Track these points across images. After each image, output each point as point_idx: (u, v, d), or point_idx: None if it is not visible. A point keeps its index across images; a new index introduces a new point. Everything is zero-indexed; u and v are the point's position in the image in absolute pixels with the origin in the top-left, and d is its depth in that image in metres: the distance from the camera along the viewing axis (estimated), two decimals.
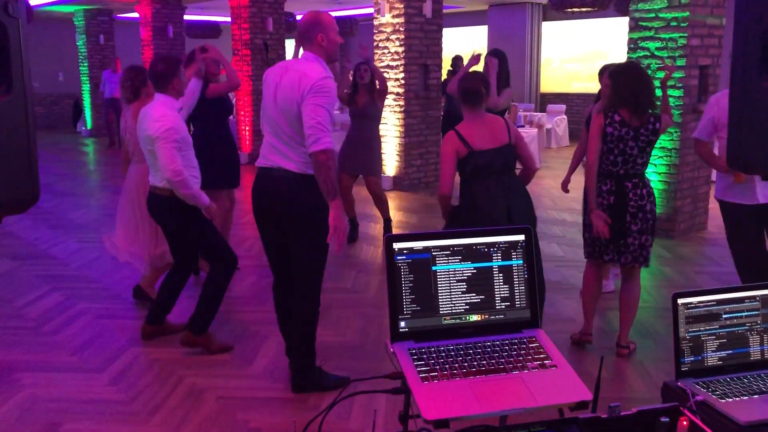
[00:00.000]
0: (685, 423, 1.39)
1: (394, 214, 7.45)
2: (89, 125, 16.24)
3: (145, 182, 4.21)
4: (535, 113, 14.06)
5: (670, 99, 6.35)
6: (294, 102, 3.09)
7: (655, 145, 6.42)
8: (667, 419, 1.39)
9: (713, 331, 1.87)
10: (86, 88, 16.00)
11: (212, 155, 5.03)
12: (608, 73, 3.98)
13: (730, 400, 1.74)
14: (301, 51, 3.29)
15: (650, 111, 3.75)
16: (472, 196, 3.69)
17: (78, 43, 16.04)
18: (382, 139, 6.95)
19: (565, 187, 4.85)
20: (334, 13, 17.94)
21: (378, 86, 6.26)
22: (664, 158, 6.49)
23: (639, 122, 3.71)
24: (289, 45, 14.98)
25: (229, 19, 12.11)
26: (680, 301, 1.85)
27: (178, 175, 3.66)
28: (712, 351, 1.87)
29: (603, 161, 3.77)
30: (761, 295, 1.90)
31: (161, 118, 3.70)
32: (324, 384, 3.50)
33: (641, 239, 3.78)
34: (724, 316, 1.87)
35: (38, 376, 3.69)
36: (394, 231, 6.73)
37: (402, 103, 9.03)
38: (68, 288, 5.16)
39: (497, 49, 5.91)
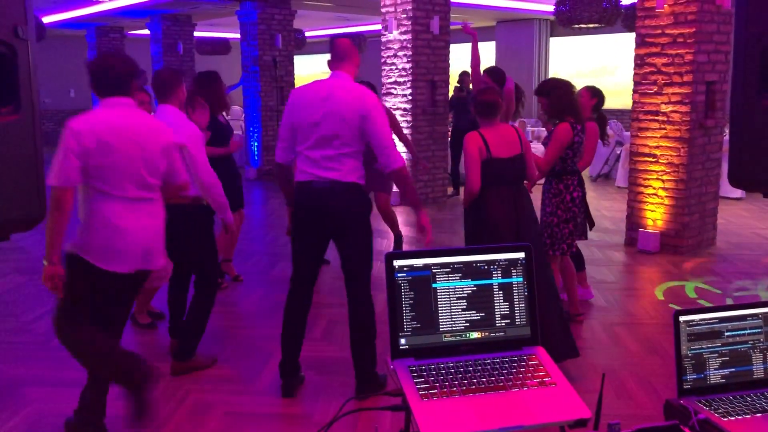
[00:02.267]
0: None
1: (403, 229, 7.46)
2: None
3: None
4: (542, 128, 14.07)
5: (676, 115, 6.37)
6: (354, 120, 3.30)
7: (662, 162, 6.47)
8: None
9: (715, 349, 1.86)
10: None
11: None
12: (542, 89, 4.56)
13: (733, 418, 1.73)
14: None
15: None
16: (484, 203, 3.84)
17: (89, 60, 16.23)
18: None
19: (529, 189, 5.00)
20: (342, 30, 18.10)
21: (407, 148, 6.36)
22: (672, 174, 6.48)
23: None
24: (298, 61, 15.09)
25: (238, 35, 12.24)
26: (682, 318, 1.84)
27: (215, 178, 3.66)
28: (715, 369, 1.86)
29: (567, 163, 4.38)
30: (763, 313, 1.90)
31: (185, 125, 3.68)
32: (382, 382, 3.59)
33: None
34: (726, 333, 1.87)
35: (45, 390, 3.71)
36: (407, 247, 6.74)
37: (409, 119, 9.07)
38: None
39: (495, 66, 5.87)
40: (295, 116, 3.41)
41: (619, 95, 13.84)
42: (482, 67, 4.91)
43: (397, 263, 1.55)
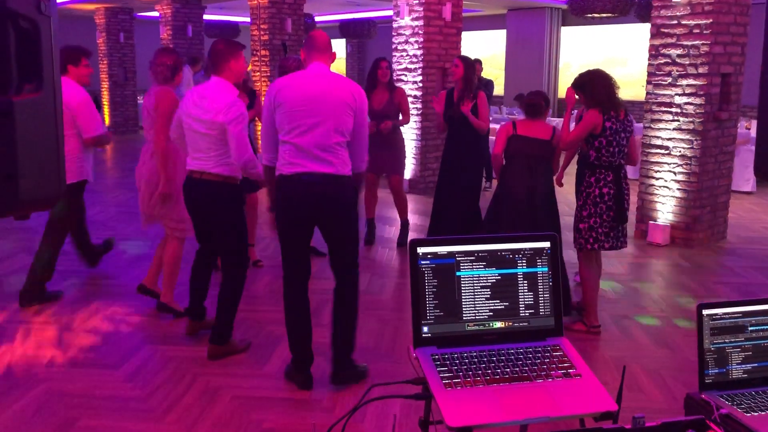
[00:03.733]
0: None
1: (410, 218, 7.44)
2: (108, 122, 16.37)
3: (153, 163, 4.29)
4: (553, 118, 13.99)
5: (690, 107, 6.31)
6: (348, 115, 3.31)
7: (675, 154, 6.42)
8: None
9: (738, 344, 1.84)
10: (105, 85, 16.13)
11: None
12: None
13: (756, 414, 1.71)
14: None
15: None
16: (504, 173, 4.54)
17: (98, 41, 16.17)
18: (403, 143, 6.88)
19: (559, 182, 5.01)
20: (352, 15, 17.98)
21: (401, 119, 6.22)
22: (683, 167, 6.43)
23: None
24: None
25: (248, 19, 12.17)
26: (705, 312, 1.82)
27: (252, 155, 3.65)
28: (737, 363, 1.84)
29: (601, 154, 4.18)
30: None
31: (235, 102, 3.62)
32: (359, 373, 3.57)
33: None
34: (750, 328, 1.85)
35: (56, 370, 3.72)
36: (412, 235, 6.72)
37: (419, 106, 9.02)
38: (85, 284, 5.20)
39: (465, 56, 5.96)
40: (283, 101, 3.28)
41: (630, 86, 13.74)
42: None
43: (420, 250, 1.53)
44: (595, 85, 4.18)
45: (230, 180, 3.75)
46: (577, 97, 4.32)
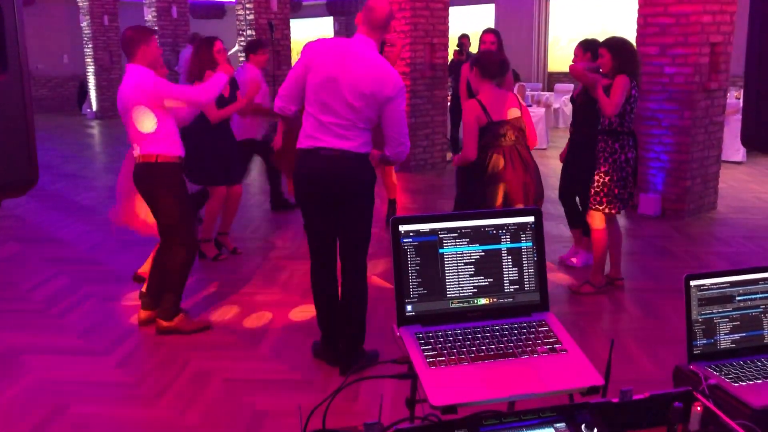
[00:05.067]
0: (699, 408, 1.35)
1: (400, 196, 7.41)
2: (95, 107, 16.21)
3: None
4: (542, 93, 13.93)
5: (679, 77, 6.27)
6: (372, 109, 3.19)
7: (665, 125, 6.39)
8: (681, 404, 1.35)
9: (726, 314, 1.83)
10: (91, 69, 15.94)
11: (210, 150, 5.04)
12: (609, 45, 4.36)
13: (744, 383, 1.70)
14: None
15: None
16: (487, 164, 3.94)
17: (82, 25, 15.95)
18: None
19: (562, 159, 5.12)
20: None
21: None
22: (673, 137, 6.41)
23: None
24: (295, 25, 14.82)
25: None
26: (693, 282, 1.80)
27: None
28: (725, 334, 1.83)
29: (625, 120, 4.26)
30: None
31: (143, 83, 3.74)
32: (367, 362, 3.49)
33: None
34: (737, 298, 1.83)
35: (45, 358, 3.69)
36: (401, 213, 6.69)
37: (408, 83, 8.94)
38: (74, 271, 5.16)
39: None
40: (315, 69, 3.17)
41: None
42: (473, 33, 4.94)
43: (403, 228, 1.50)
44: (628, 51, 4.27)
45: (159, 159, 3.77)
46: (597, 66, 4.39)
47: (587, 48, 4.89)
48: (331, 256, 3.48)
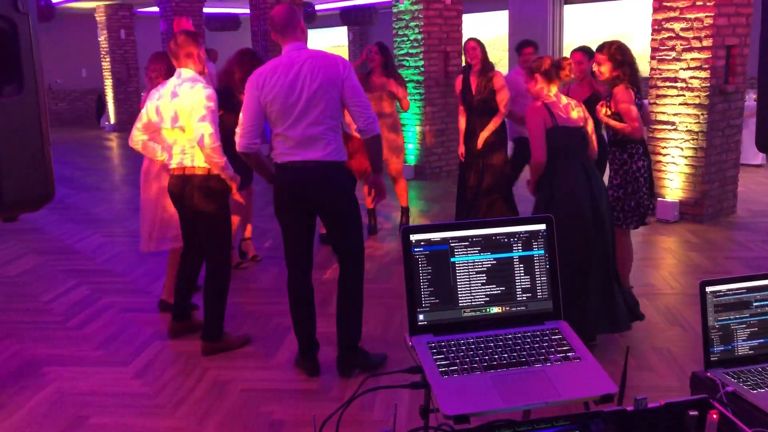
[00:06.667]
0: (715, 416, 1.34)
1: (416, 204, 7.41)
2: (113, 120, 16.39)
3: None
4: None
5: (696, 81, 6.22)
6: (337, 92, 3.25)
7: (681, 129, 6.35)
8: (696, 413, 1.34)
9: (743, 320, 1.81)
10: (109, 83, 16.14)
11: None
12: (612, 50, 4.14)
13: (762, 390, 1.68)
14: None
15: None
16: (560, 173, 3.64)
17: (99, 39, 16.17)
18: (402, 128, 6.84)
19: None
20: (353, 2, 17.85)
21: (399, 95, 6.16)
22: (691, 141, 6.35)
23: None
24: (309, 35, 14.91)
25: (248, 11, 12.11)
26: (708, 289, 1.79)
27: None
28: (743, 340, 1.81)
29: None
30: None
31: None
32: (370, 362, 3.55)
33: None
34: (754, 304, 1.81)
35: (65, 370, 3.73)
36: (416, 221, 6.69)
37: (422, 90, 8.95)
38: (94, 282, 5.21)
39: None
40: (266, 96, 3.26)
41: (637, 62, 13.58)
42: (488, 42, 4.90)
43: (414, 237, 1.51)
44: (629, 57, 4.11)
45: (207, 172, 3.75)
46: (596, 67, 4.19)
47: (592, 55, 4.83)
48: (308, 264, 3.54)
